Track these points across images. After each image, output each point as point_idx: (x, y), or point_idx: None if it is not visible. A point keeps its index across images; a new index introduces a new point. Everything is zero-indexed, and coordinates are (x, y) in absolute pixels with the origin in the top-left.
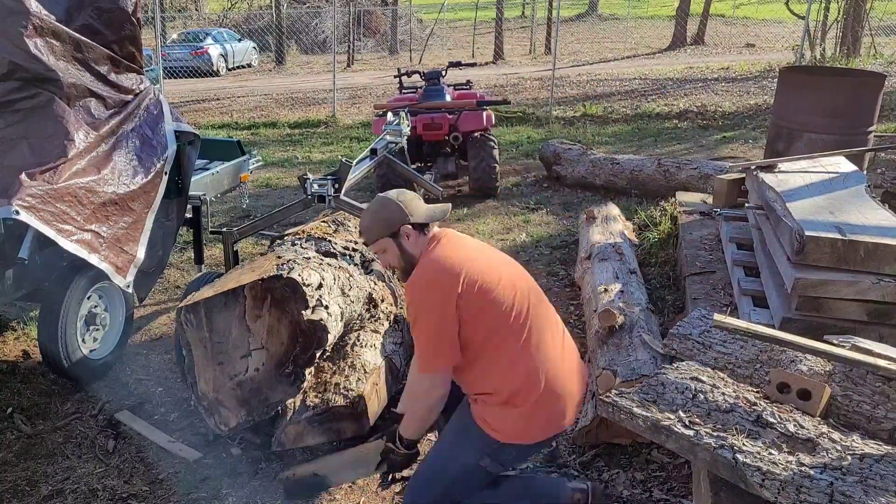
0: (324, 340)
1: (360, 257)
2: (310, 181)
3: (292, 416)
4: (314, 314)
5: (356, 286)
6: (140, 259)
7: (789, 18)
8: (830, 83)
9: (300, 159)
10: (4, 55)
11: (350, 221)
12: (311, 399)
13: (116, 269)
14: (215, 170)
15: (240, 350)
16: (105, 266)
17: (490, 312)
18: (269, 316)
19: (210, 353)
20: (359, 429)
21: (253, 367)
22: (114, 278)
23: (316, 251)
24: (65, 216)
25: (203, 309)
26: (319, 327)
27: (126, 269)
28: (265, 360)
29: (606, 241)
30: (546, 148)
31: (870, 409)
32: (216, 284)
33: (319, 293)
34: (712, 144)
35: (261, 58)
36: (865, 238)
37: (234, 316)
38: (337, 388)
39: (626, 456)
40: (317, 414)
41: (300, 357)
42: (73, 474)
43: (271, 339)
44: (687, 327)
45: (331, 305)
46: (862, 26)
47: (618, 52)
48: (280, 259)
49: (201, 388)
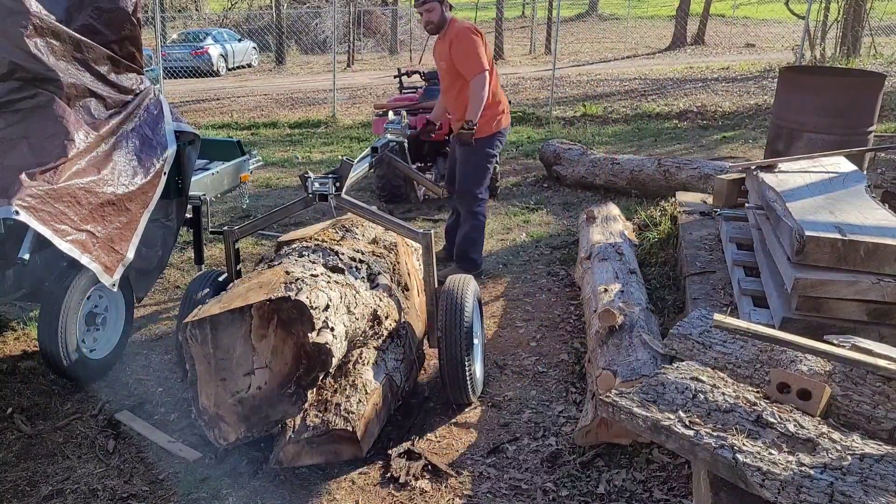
0: (328, 363)
1: (366, 270)
2: (311, 180)
3: (292, 435)
4: (319, 337)
5: (362, 303)
6: (129, 259)
7: (789, 18)
8: (830, 83)
9: (300, 159)
10: (4, 55)
11: (357, 228)
12: (311, 419)
13: (105, 269)
14: (215, 170)
15: (243, 368)
16: (95, 266)
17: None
18: (274, 336)
19: (213, 369)
20: (357, 452)
21: (255, 385)
22: (101, 277)
23: (324, 266)
24: (63, 216)
25: (209, 325)
26: (324, 350)
27: (114, 268)
28: (268, 379)
29: (606, 241)
30: (546, 148)
31: (870, 409)
32: (223, 299)
33: (326, 315)
34: (712, 144)
35: (261, 58)
36: (865, 238)
37: (240, 334)
38: (338, 408)
39: (626, 456)
40: (316, 435)
41: (303, 378)
42: (73, 474)
43: (275, 358)
44: (687, 327)
45: (336, 327)
46: (862, 26)
47: (618, 52)
48: (288, 275)
49: (202, 402)
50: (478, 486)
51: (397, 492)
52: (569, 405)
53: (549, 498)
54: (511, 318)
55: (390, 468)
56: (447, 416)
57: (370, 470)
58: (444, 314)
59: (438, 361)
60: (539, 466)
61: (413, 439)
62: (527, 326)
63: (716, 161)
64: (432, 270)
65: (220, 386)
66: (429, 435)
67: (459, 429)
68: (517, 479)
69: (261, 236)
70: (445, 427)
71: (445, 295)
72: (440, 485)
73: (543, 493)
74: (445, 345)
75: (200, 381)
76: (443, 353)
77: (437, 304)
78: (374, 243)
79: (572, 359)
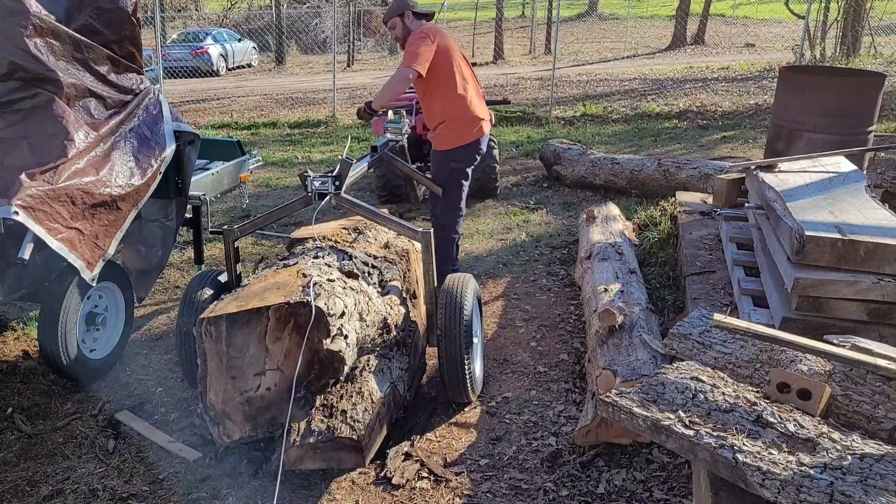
0: (339, 371)
1: (377, 275)
2: (311, 179)
3: (296, 438)
4: (333, 344)
5: (374, 311)
6: (110, 254)
7: (789, 18)
8: (830, 83)
9: (300, 159)
10: (4, 55)
11: (370, 231)
12: (316, 423)
13: (87, 264)
14: (215, 170)
15: (254, 368)
16: (78, 263)
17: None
18: (288, 339)
19: (224, 367)
20: (359, 462)
21: (265, 386)
22: (83, 273)
23: (339, 270)
24: (58, 216)
25: (225, 323)
26: (337, 358)
27: (95, 263)
28: (278, 381)
29: (606, 241)
30: (546, 148)
31: (870, 408)
32: (240, 297)
33: (341, 322)
34: (712, 144)
35: (261, 58)
36: (865, 238)
37: (255, 334)
38: (344, 415)
39: (626, 456)
40: (321, 441)
41: (314, 384)
42: (73, 474)
43: (287, 361)
44: (687, 327)
45: (350, 334)
46: (862, 26)
47: (618, 51)
48: (306, 278)
49: (210, 398)
50: (478, 486)
51: (397, 491)
52: (569, 405)
53: (549, 498)
54: (511, 318)
55: (385, 469)
56: (447, 416)
57: (370, 470)
58: (444, 313)
59: (438, 360)
60: (539, 466)
61: (413, 439)
62: (527, 326)
63: (716, 161)
64: (431, 269)
65: (230, 384)
66: (428, 434)
67: (459, 428)
68: (517, 479)
69: (260, 236)
70: (445, 426)
71: (445, 294)
72: (440, 484)
73: (543, 493)
74: (445, 343)
75: (210, 377)
76: (442, 352)
77: (436, 303)
78: (386, 248)
79: (572, 359)
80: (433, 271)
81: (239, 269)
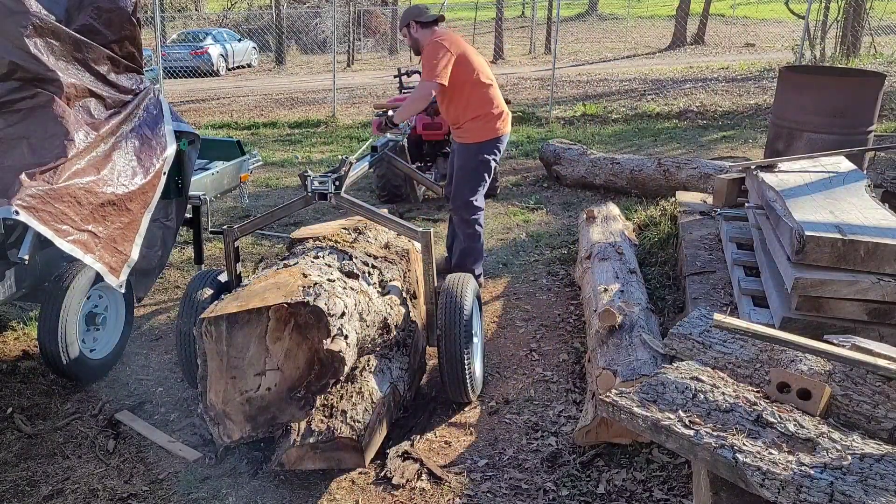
0: (340, 371)
1: (378, 276)
2: (310, 178)
3: (296, 438)
4: (334, 344)
5: (374, 311)
6: (134, 259)
7: (789, 18)
8: (830, 83)
9: (300, 159)
10: (4, 55)
11: (370, 231)
12: (316, 424)
13: (110, 269)
14: (215, 170)
15: (255, 368)
16: (99, 266)
17: (463, 66)
18: (289, 339)
19: (225, 367)
20: (359, 462)
21: (265, 386)
22: (107, 278)
23: (339, 270)
24: (63, 216)
25: (225, 323)
26: (337, 358)
27: (119, 269)
28: (278, 381)
29: (606, 241)
30: (546, 148)
31: (870, 408)
32: (240, 297)
33: (341, 322)
34: (712, 144)
35: (261, 58)
36: (865, 238)
37: (255, 334)
38: (344, 416)
39: (626, 456)
40: (321, 441)
41: (314, 384)
42: (73, 474)
43: (287, 362)
44: (687, 327)
45: (350, 335)
46: (862, 26)
47: (617, 51)
48: (306, 278)
49: (210, 398)
50: (478, 486)
51: (397, 491)
52: (569, 405)
53: (549, 498)
54: (511, 318)
55: (385, 469)
56: (447, 416)
57: (370, 470)
58: (444, 312)
59: (438, 360)
60: (539, 466)
61: (413, 439)
62: (527, 326)
63: (716, 161)
64: (431, 269)
65: (230, 384)
66: (428, 434)
67: (459, 428)
68: (517, 479)
69: (260, 236)
70: (445, 426)
71: (445, 293)
72: (440, 484)
73: (543, 493)
74: (445, 343)
75: (211, 377)
76: (442, 352)
77: (436, 303)
78: (386, 248)
79: (572, 359)
80: (433, 271)
81: (239, 269)
